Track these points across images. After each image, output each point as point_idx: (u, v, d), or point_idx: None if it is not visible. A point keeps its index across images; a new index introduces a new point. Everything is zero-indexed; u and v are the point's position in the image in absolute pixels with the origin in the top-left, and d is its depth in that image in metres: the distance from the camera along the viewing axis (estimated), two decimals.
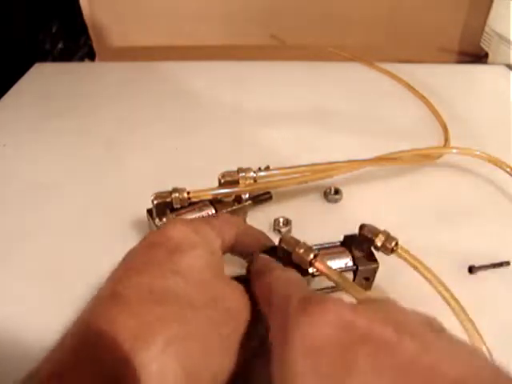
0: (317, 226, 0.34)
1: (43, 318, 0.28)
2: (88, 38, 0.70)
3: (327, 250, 0.28)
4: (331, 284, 0.27)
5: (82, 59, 0.69)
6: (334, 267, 0.24)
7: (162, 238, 0.21)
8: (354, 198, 0.38)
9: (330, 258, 0.28)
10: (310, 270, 0.25)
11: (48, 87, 0.56)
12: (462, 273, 0.31)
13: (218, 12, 0.68)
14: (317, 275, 0.26)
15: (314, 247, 0.25)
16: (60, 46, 0.66)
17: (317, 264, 0.24)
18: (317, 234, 0.34)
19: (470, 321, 0.24)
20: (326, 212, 0.37)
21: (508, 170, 0.39)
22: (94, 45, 0.71)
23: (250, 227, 0.28)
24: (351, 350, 0.15)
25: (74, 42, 0.68)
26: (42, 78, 0.58)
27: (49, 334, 0.27)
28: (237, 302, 0.20)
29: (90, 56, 0.71)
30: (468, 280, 0.31)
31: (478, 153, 0.39)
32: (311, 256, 0.24)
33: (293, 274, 0.22)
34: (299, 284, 0.21)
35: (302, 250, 0.24)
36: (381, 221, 0.34)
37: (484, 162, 0.39)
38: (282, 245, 0.25)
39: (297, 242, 0.25)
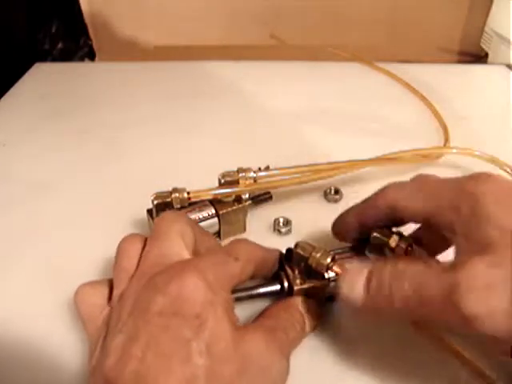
0: (317, 225, 0.34)
1: (43, 318, 0.28)
2: (88, 37, 0.70)
3: (341, 255, 0.28)
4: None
5: (82, 59, 0.69)
6: None
7: (178, 302, 0.19)
8: (354, 198, 0.38)
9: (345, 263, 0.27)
10: (326, 276, 0.25)
11: (48, 87, 0.56)
12: None
13: (218, 12, 0.68)
14: (334, 280, 0.26)
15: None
16: (60, 46, 0.66)
17: (335, 268, 0.24)
18: (317, 234, 0.34)
19: None
20: (326, 212, 0.36)
21: (508, 170, 0.39)
22: (94, 45, 0.71)
23: (267, 254, 0.26)
24: None
25: (74, 42, 0.68)
26: (42, 78, 0.58)
27: (49, 334, 0.27)
28: (261, 357, 0.20)
29: (90, 56, 0.71)
30: None
31: (477, 153, 0.39)
32: (328, 260, 0.24)
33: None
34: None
35: (318, 255, 0.24)
36: None
37: (484, 162, 0.39)
38: (298, 250, 0.25)
39: (313, 247, 0.25)
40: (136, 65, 0.62)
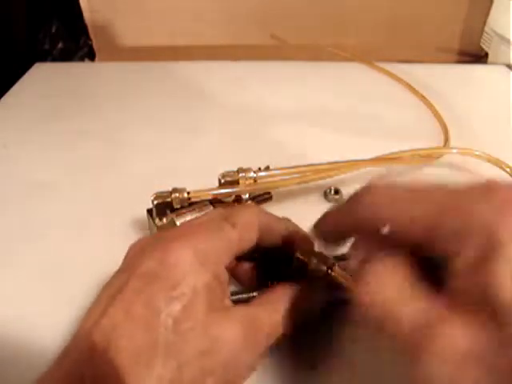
0: None
1: (43, 318, 0.28)
2: (88, 37, 0.70)
3: (341, 261, 0.28)
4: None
5: (82, 59, 0.69)
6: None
7: (162, 267, 0.19)
8: None
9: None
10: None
11: (48, 87, 0.56)
12: None
13: (218, 12, 0.68)
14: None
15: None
16: (60, 46, 0.66)
17: (334, 274, 0.23)
18: None
19: None
20: None
21: (508, 170, 0.39)
22: (94, 45, 0.71)
23: (273, 221, 0.25)
24: None
25: (74, 42, 0.68)
26: (42, 77, 0.58)
27: (49, 334, 0.27)
28: (231, 345, 0.19)
29: (90, 56, 0.71)
30: None
31: (477, 153, 0.39)
32: (328, 265, 0.24)
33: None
34: None
35: (317, 260, 0.24)
36: None
37: (484, 162, 0.39)
38: (298, 255, 0.25)
39: (313, 252, 0.24)
40: (136, 65, 0.62)
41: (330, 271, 0.24)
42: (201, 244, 0.20)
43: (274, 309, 0.22)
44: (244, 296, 0.26)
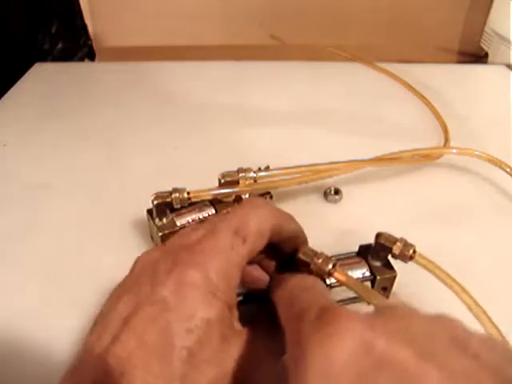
0: (317, 225, 0.34)
1: (43, 318, 0.28)
2: (88, 37, 0.70)
3: (343, 261, 0.28)
4: (349, 295, 0.27)
5: (82, 59, 0.69)
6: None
7: (176, 298, 0.19)
8: (354, 198, 0.38)
9: (347, 269, 0.27)
10: (328, 282, 0.25)
11: (48, 87, 0.56)
12: (461, 273, 0.31)
13: (218, 12, 0.68)
14: (334, 286, 0.26)
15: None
16: (60, 45, 0.66)
17: (336, 274, 0.24)
18: (317, 234, 0.34)
19: (496, 327, 0.23)
20: (326, 212, 0.37)
21: (508, 170, 0.39)
22: (94, 45, 0.71)
23: (283, 222, 0.24)
24: (370, 377, 0.14)
25: (74, 42, 0.68)
26: (42, 77, 0.58)
27: (49, 334, 0.27)
28: (242, 372, 0.20)
29: (90, 56, 0.71)
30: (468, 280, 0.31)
31: (477, 153, 0.39)
32: (330, 266, 0.24)
33: (312, 280, 0.22)
34: (318, 292, 0.20)
35: (320, 260, 0.24)
36: (380, 221, 0.34)
37: (484, 162, 0.39)
38: (300, 255, 0.25)
39: (315, 253, 0.24)
40: (136, 65, 0.62)
41: (332, 271, 0.24)
42: (213, 273, 0.20)
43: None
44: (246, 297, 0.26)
